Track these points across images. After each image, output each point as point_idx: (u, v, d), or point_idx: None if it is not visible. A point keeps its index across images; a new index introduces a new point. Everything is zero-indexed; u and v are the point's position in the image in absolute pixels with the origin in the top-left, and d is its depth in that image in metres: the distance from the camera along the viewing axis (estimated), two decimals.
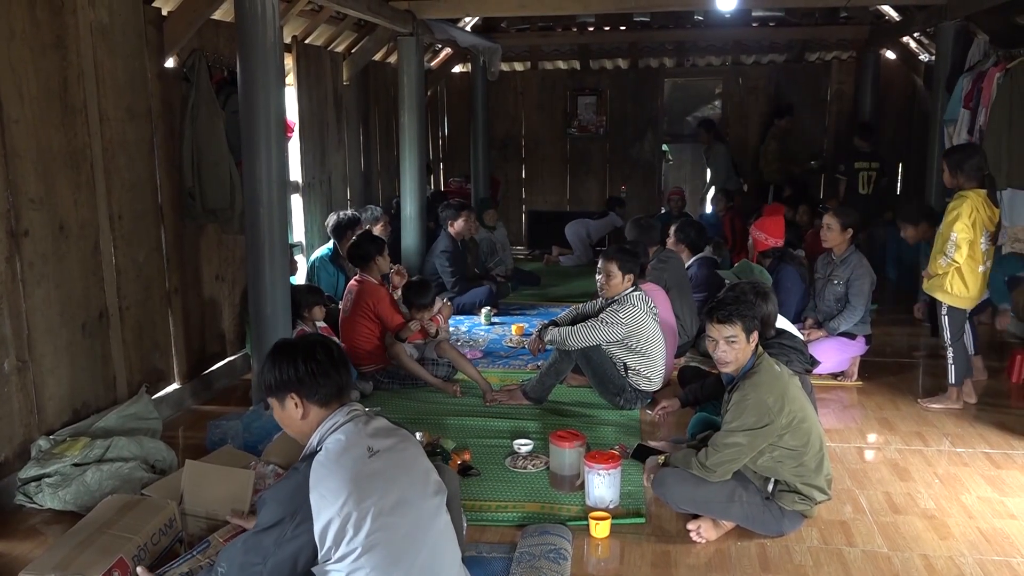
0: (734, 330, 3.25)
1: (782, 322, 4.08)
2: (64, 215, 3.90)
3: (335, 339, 4.85)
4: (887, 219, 8.87)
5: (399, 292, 5.56)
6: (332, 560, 2.13)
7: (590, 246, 9.67)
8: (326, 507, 2.11)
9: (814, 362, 3.94)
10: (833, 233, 5.31)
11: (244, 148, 4.45)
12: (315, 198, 6.89)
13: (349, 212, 6.43)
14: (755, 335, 3.29)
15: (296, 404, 2.30)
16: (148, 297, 4.59)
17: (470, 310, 7.07)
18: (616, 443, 4.21)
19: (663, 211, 9.74)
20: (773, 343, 3.81)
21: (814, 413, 3.36)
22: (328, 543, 2.12)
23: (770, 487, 3.27)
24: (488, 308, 6.92)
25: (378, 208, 6.98)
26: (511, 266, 8.43)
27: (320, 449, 2.23)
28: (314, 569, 2.17)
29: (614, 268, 4.75)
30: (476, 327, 6.74)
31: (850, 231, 5.29)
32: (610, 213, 9.86)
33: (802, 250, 6.79)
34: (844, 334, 5.25)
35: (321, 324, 5.11)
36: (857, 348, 5.33)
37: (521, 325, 6.58)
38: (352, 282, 5.32)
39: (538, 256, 10.20)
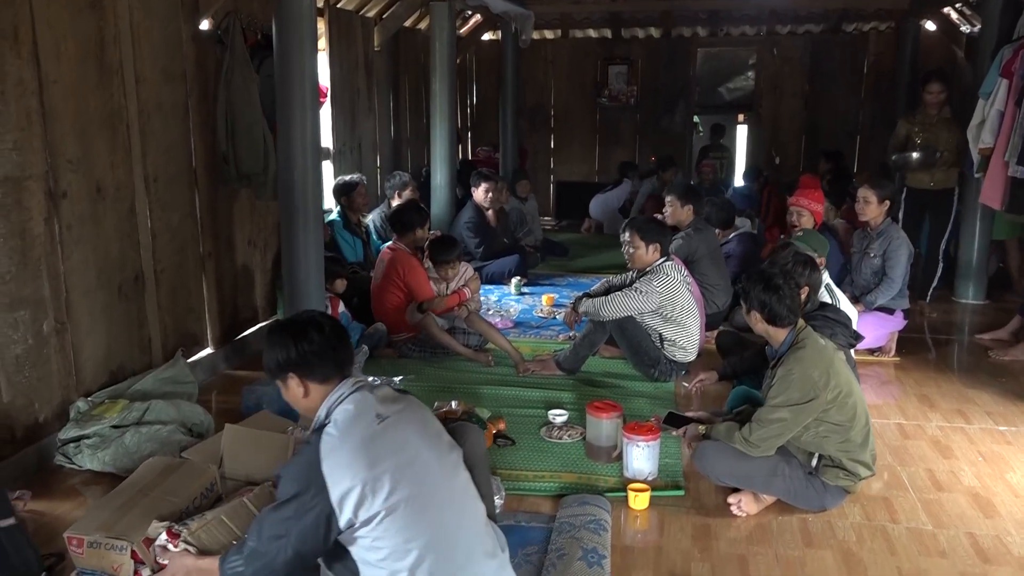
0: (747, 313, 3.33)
1: (837, 294, 4.01)
2: (101, 177, 3.88)
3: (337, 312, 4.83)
4: None
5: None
6: (356, 526, 2.12)
7: (619, 213, 9.56)
8: (340, 477, 2.11)
9: (858, 337, 3.87)
10: (871, 206, 5.22)
11: (279, 113, 4.41)
12: (345, 165, 6.85)
13: (354, 175, 6.35)
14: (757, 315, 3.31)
15: (297, 384, 2.30)
16: (182, 261, 4.59)
17: (499, 280, 7.02)
18: (651, 414, 4.17)
19: (693, 183, 9.63)
20: (818, 316, 3.75)
21: (859, 388, 3.29)
22: (348, 511, 2.11)
23: (814, 462, 3.22)
24: (518, 278, 6.88)
25: (406, 174, 6.92)
26: (540, 237, 8.37)
27: (329, 421, 2.24)
28: (341, 538, 2.16)
29: (637, 239, 4.69)
30: (506, 297, 6.70)
31: (887, 203, 5.19)
32: (624, 180, 9.74)
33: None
34: (882, 309, 5.16)
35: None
36: (895, 323, 5.24)
37: (552, 295, 6.53)
38: (385, 249, 5.28)
39: (574, 226, 10.08)
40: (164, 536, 2.41)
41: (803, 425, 3.14)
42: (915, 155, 6.49)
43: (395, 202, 6.52)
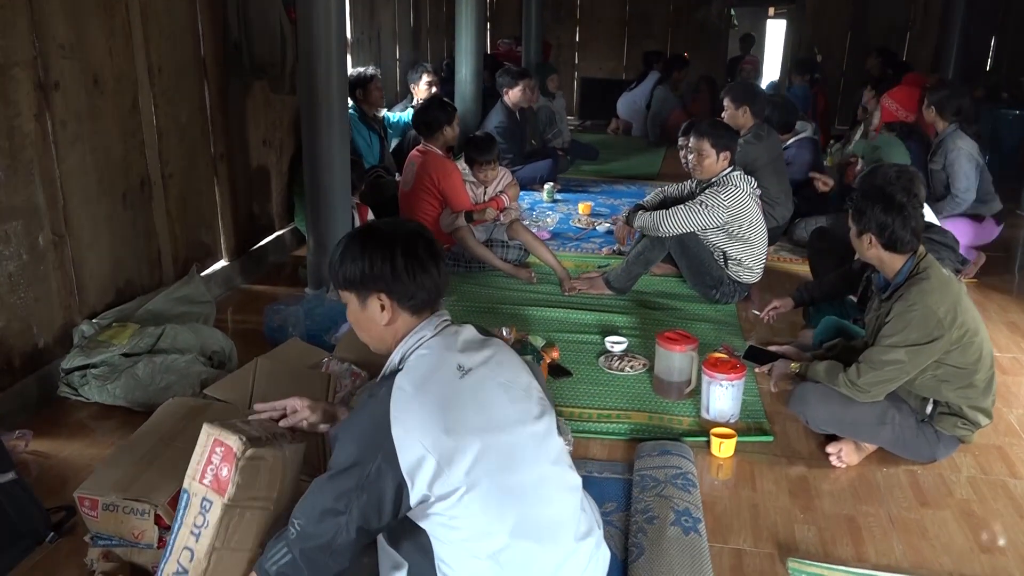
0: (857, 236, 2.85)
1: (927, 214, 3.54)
2: (98, 66, 3.34)
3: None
4: (976, 96, 8.13)
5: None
6: (431, 501, 1.70)
7: (646, 109, 8.91)
8: (413, 443, 1.67)
9: (965, 262, 3.42)
10: (931, 112, 4.91)
11: None
12: (364, 56, 6.25)
13: (369, 68, 5.76)
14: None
15: (383, 307, 1.85)
16: (192, 164, 4.08)
17: (529, 185, 6.51)
18: (718, 342, 3.77)
19: (729, 82, 8.96)
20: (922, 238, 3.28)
21: (984, 326, 2.85)
22: (422, 485, 1.68)
23: (928, 409, 2.81)
24: (551, 184, 6.37)
25: (427, 64, 6.31)
26: (568, 139, 7.79)
27: (401, 368, 1.80)
28: (411, 514, 1.74)
29: (706, 146, 4.15)
30: (538, 204, 6.21)
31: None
32: (650, 72, 9.05)
33: None
34: (970, 216, 4.75)
35: None
36: (986, 231, 4.82)
37: (588, 203, 6.05)
38: (414, 152, 4.76)
39: (599, 126, 9.46)
40: None
41: (920, 368, 2.72)
42: None
43: (418, 96, 5.96)
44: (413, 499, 1.70)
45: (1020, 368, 3.67)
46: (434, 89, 6.07)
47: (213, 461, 1.92)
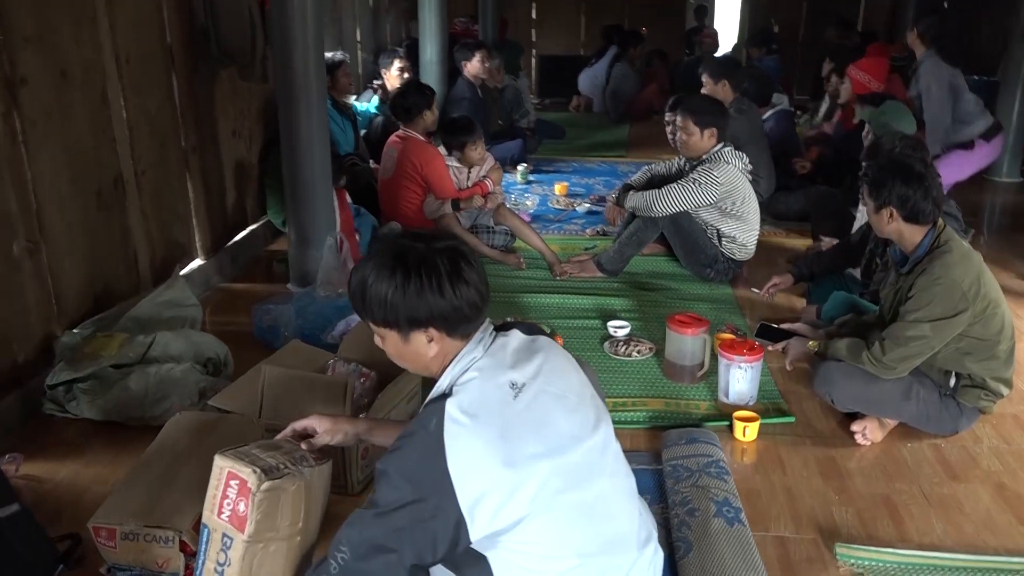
0: (876, 211, 2.78)
1: None
2: (66, 57, 3.12)
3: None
4: None
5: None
6: (497, 533, 1.60)
7: (603, 90, 8.82)
8: (472, 478, 1.55)
9: (968, 230, 3.41)
10: (912, 35, 5.16)
11: None
12: (328, 40, 5.99)
13: (336, 53, 5.58)
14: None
15: (431, 339, 1.70)
16: (164, 158, 3.87)
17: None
18: (719, 322, 3.71)
19: (687, 54, 8.93)
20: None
21: (1003, 296, 2.84)
22: (483, 520, 1.57)
23: (952, 382, 2.79)
24: (524, 165, 6.25)
25: (400, 49, 6.12)
26: (535, 118, 7.67)
27: (451, 394, 1.65)
28: (474, 545, 1.63)
29: (690, 124, 4.09)
30: (513, 186, 6.08)
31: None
32: (610, 47, 8.95)
33: None
34: (959, 145, 4.84)
35: None
36: (981, 155, 4.89)
37: (563, 183, 5.95)
38: (393, 138, 4.60)
39: (559, 104, 9.35)
40: None
41: (945, 342, 2.69)
42: None
43: (389, 83, 5.77)
44: (474, 534, 1.58)
45: (1020, 335, 3.68)
46: (407, 75, 5.89)
47: (229, 495, 1.79)
